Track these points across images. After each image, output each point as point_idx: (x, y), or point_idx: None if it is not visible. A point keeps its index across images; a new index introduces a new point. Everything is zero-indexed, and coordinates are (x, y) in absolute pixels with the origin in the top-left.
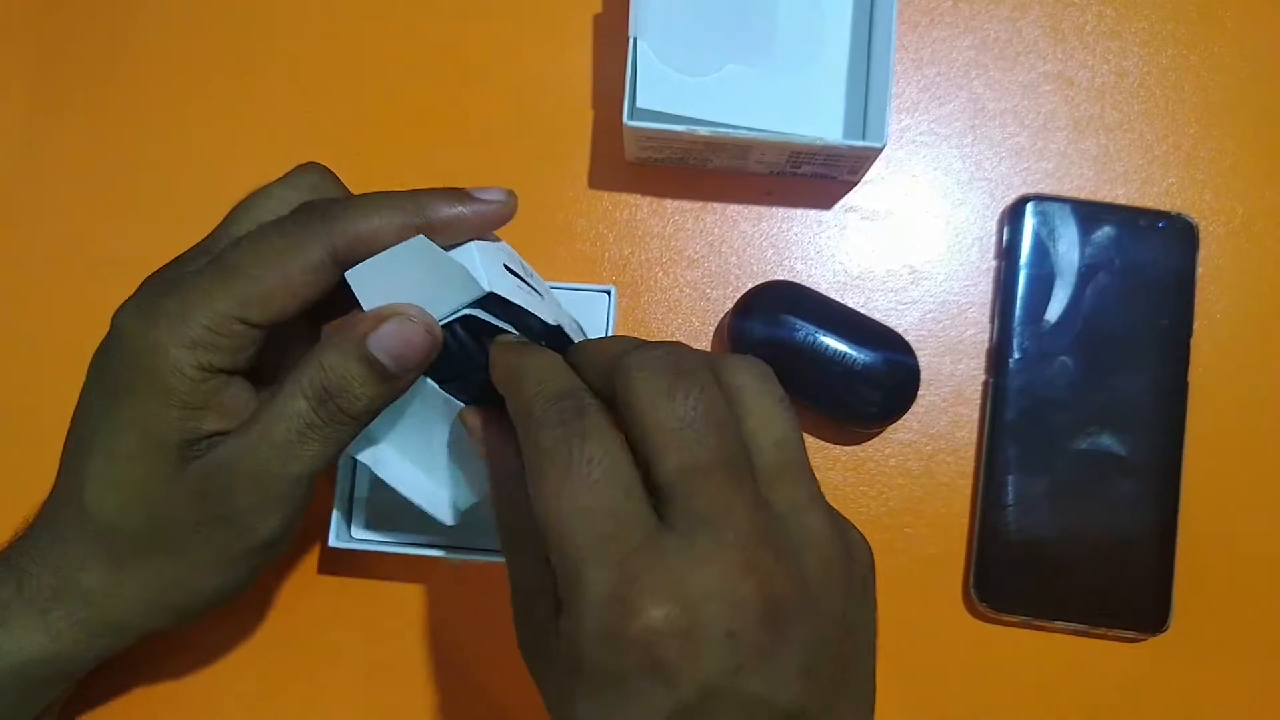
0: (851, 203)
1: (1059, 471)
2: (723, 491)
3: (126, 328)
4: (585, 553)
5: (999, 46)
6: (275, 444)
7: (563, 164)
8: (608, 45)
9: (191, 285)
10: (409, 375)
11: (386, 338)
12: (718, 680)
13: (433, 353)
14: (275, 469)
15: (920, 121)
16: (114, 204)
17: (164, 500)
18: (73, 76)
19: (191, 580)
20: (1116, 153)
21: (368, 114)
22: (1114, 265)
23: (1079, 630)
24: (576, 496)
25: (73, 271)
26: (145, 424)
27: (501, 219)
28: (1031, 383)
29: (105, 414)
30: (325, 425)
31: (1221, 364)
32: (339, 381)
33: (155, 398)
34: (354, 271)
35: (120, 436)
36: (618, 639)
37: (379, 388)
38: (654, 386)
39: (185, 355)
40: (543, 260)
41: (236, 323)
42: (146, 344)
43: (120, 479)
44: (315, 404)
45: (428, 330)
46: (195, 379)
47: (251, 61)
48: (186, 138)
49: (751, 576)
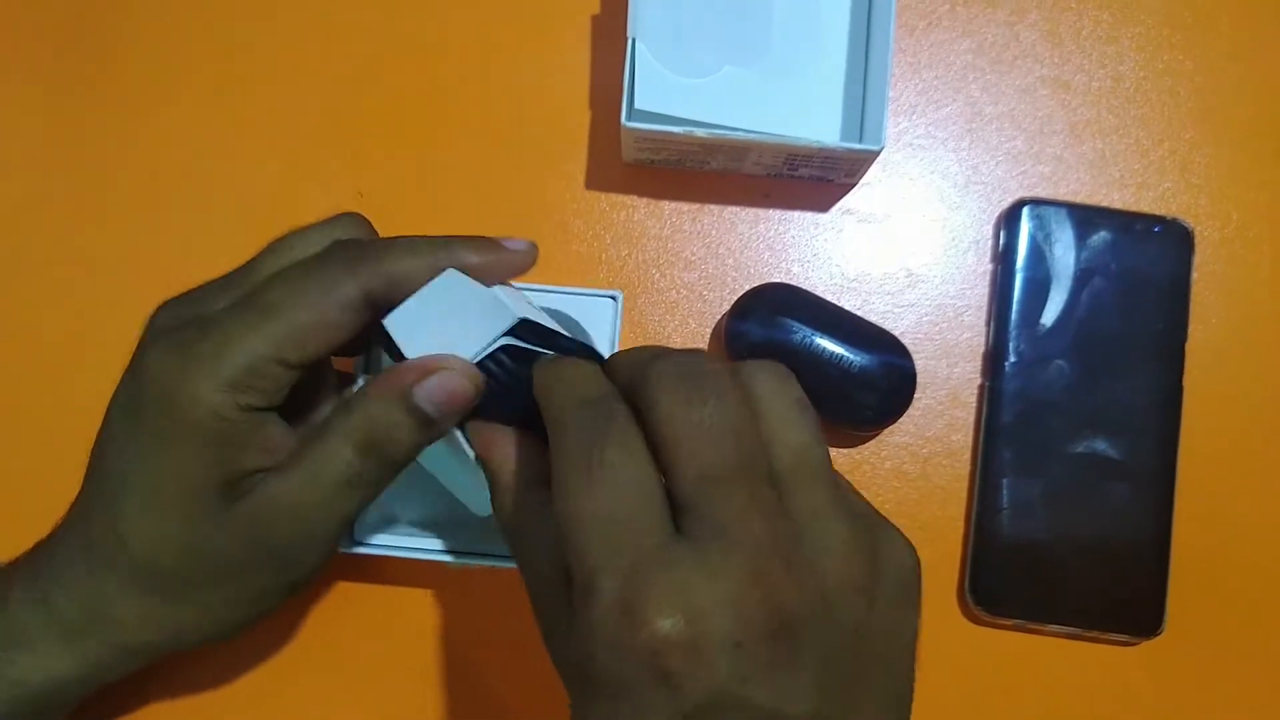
0: (848, 205)
1: (1054, 475)
2: (738, 501)
3: (160, 373)
4: (598, 560)
5: (996, 50)
6: (323, 488)
7: (560, 165)
8: (605, 46)
9: (226, 327)
10: (451, 421)
11: (432, 390)
12: (726, 690)
13: (475, 399)
14: (323, 512)
15: (917, 125)
16: (109, 205)
17: (209, 541)
18: (67, 76)
19: (226, 613)
20: (1113, 157)
21: (364, 115)
22: (1110, 269)
23: (1073, 634)
24: (595, 502)
25: (69, 273)
26: (188, 471)
27: (524, 268)
28: (1027, 386)
29: (143, 457)
30: (371, 473)
31: (1216, 369)
32: (385, 431)
33: (196, 444)
34: (391, 318)
35: (163, 484)
36: (625, 647)
37: (423, 435)
38: (673, 395)
39: (224, 399)
40: (539, 262)
41: (274, 364)
42: (184, 392)
43: (165, 525)
44: (362, 453)
45: (470, 379)
46: (236, 420)
47: (247, 63)
48: (180, 139)
49: (760, 587)
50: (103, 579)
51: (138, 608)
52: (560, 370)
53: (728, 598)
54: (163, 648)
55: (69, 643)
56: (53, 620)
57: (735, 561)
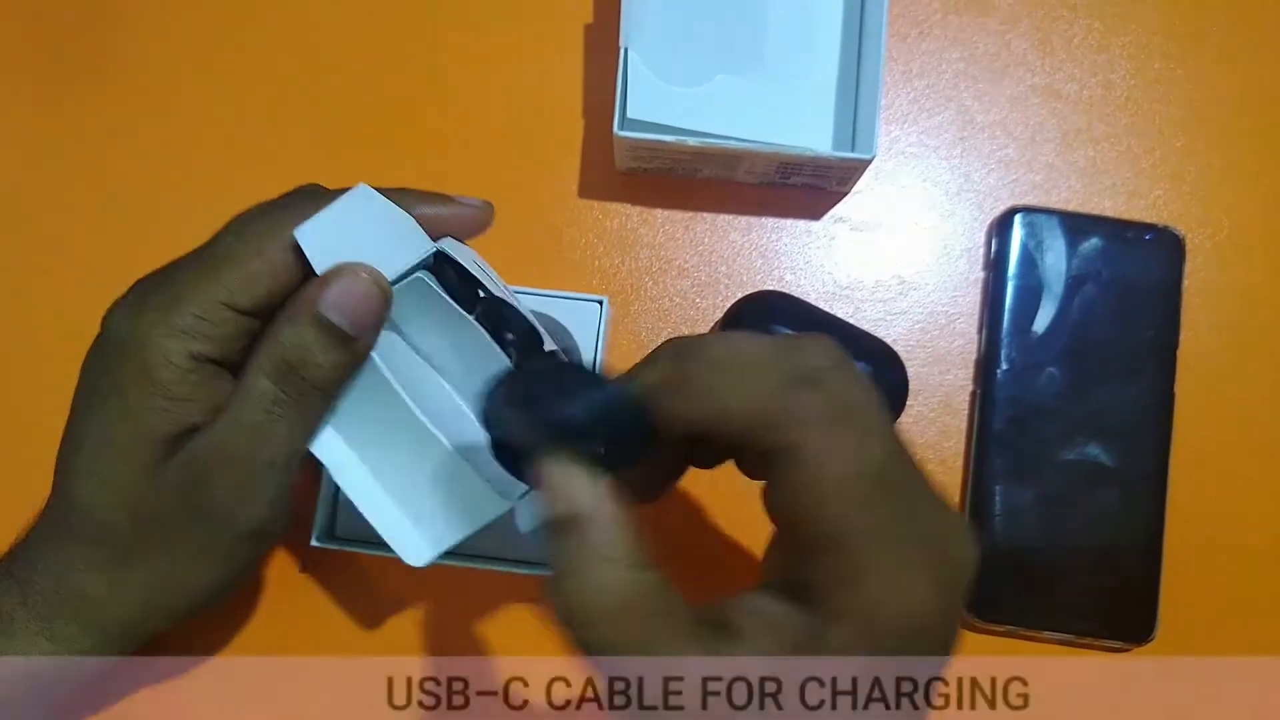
0: (841, 213)
1: (1046, 482)
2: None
3: (115, 325)
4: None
5: (988, 59)
6: (245, 426)
7: (553, 173)
8: (598, 55)
9: (178, 277)
10: (368, 335)
11: (337, 298)
12: None
13: (385, 309)
14: (248, 453)
15: (909, 133)
16: (105, 207)
17: (150, 495)
18: (65, 78)
19: (184, 577)
20: (1104, 165)
21: (358, 122)
22: (1101, 277)
23: (1065, 640)
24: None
25: (66, 274)
26: (133, 417)
27: (478, 225)
28: (1019, 393)
29: (96, 411)
30: (291, 401)
31: (1208, 376)
32: (298, 353)
33: (143, 390)
34: (302, 229)
35: (110, 431)
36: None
37: (339, 353)
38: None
39: (174, 344)
40: (532, 269)
41: (225, 309)
42: (135, 338)
43: (109, 475)
44: (278, 380)
45: (376, 285)
46: (184, 368)
47: (243, 68)
48: (180, 143)
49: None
50: (69, 552)
51: (101, 577)
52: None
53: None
54: (137, 632)
55: (46, 623)
56: (29, 601)
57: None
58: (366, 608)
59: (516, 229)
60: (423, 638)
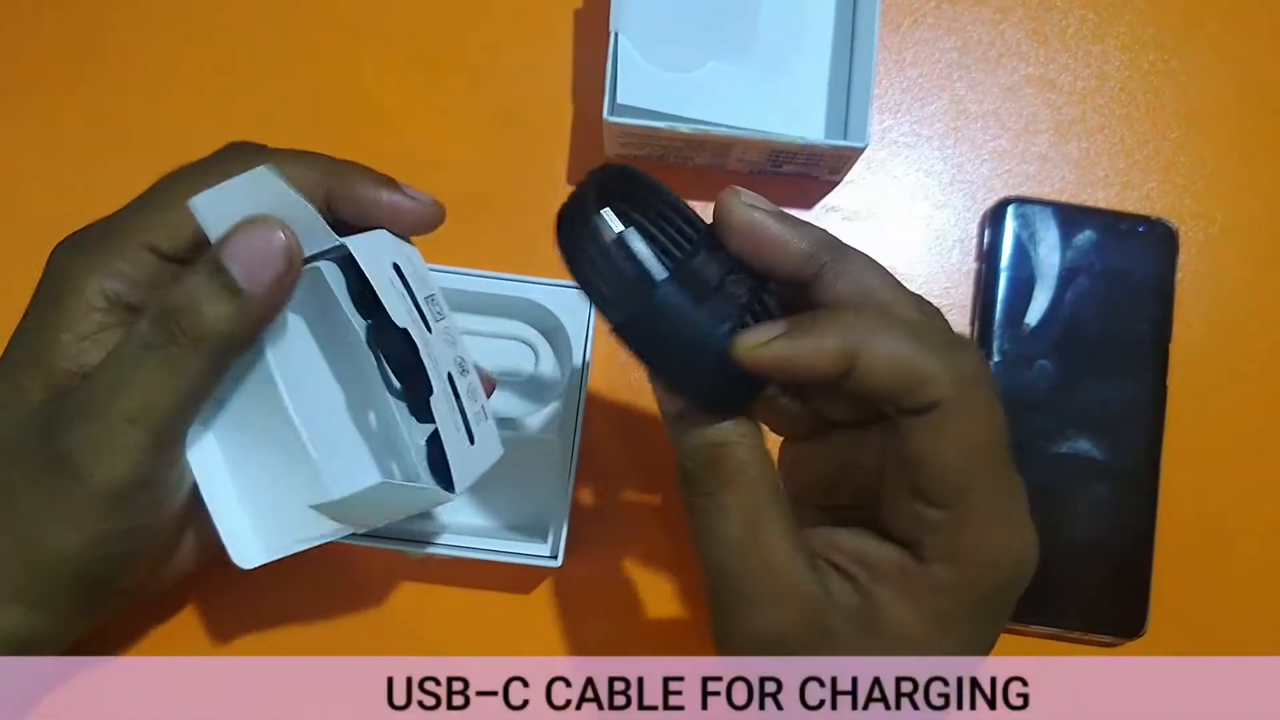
0: (832, 203)
1: (1037, 475)
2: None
3: (49, 261)
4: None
5: (981, 49)
6: (110, 371)
7: (541, 159)
8: (588, 40)
9: (111, 220)
10: (263, 298)
11: (240, 246)
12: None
13: (290, 279)
14: (106, 401)
15: (902, 122)
16: (98, 202)
17: (19, 433)
18: (41, 67)
19: (53, 535)
20: (1098, 156)
21: (345, 107)
22: (1094, 269)
23: (1056, 635)
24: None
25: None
26: (32, 342)
27: (423, 222)
28: (1011, 386)
29: (12, 341)
30: (162, 347)
31: (1200, 369)
32: (185, 298)
33: (50, 321)
34: (197, 198)
35: (10, 358)
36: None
37: (228, 307)
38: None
39: (90, 281)
40: (519, 255)
41: (145, 251)
42: (57, 270)
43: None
44: (154, 324)
45: (287, 247)
46: (94, 304)
47: (226, 54)
48: (162, 127)
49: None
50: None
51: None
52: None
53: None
54: (30, 589)
55: None
56: None
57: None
58: (367, 607)
59: (504, 215)
60: (422, 638)
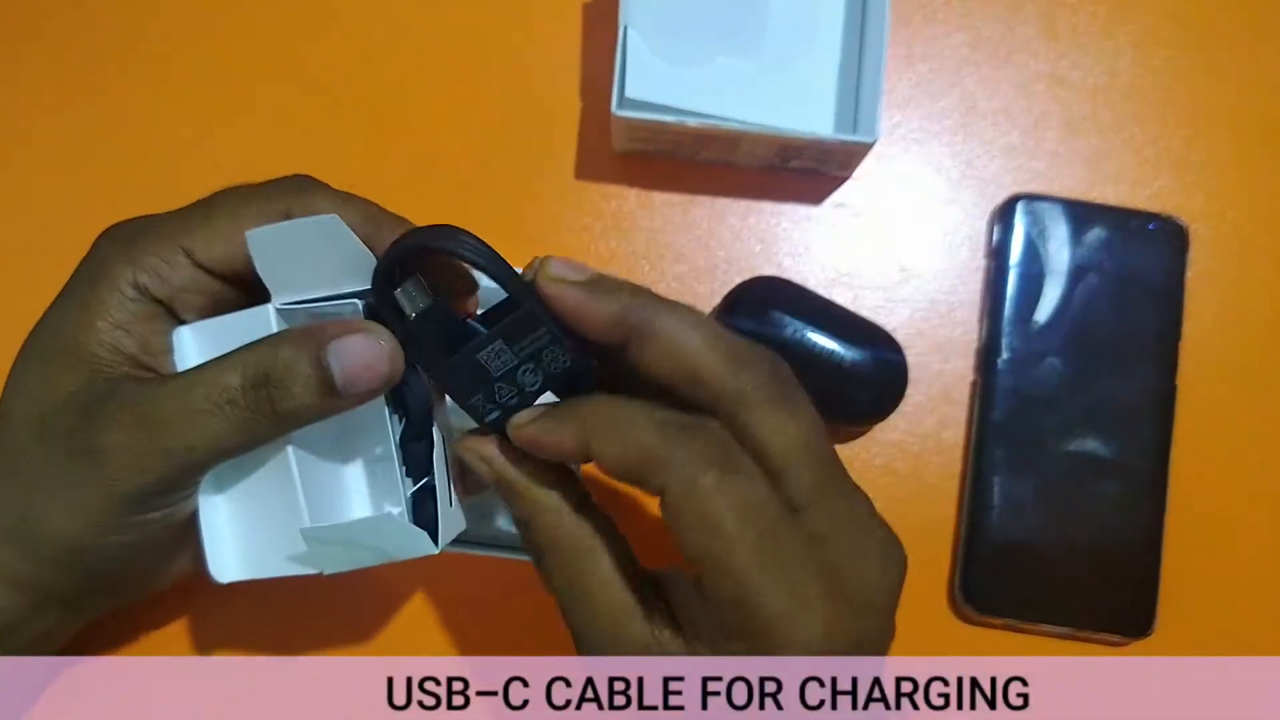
0: (841, 199)
1: (1046, 473)
2: (846, 501)
3: (92, 248)
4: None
5: (992, 44)
6: (187, 401)
7: (549, 154)
8: (597, 34)
9: (158, 218)
10: (353, 399)
11: (348, 351)
12: None
13: (387, 385)
14: (173, 424)
15: (912, 118)
16: (88, 192)
17: (53, 415)
18: (41, 59)
19: (45, 518)
20: (1108, 153)
21: (350, 101)
22: (1104, 267)
23: (1064, 634)
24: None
25: (48, 260)
26: (66, 327)
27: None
28: (1020, 383)
29: (44, 317)
30: (246, 410)
31: (1210, 368)
32: (282, 374)
33: (83, 304)
34: (257, 232)
35: (43, 339)
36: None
37: (317, 399)
38: (779, 414)
39: (125, 271)
40: (526, 251)
41: (181, 254)
42: (96, 258)
43: (30, 383)
44: (248, 385)
45: (391, 360)
46: (126, 295)
47: (232, 47)
48: (168, 124)
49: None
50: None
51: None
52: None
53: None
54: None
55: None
56: None
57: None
58: (366, 607)
59: (511, 211)
60: (423, 637)
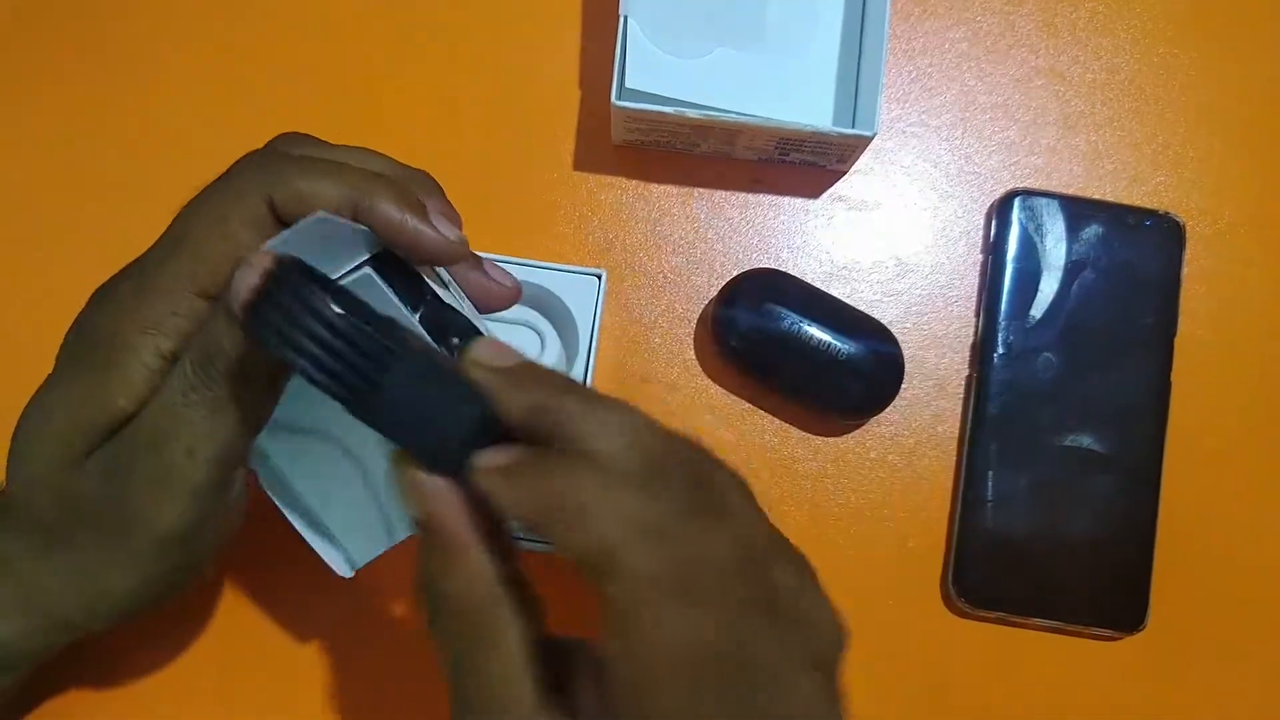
0: (839, 192)
1: (1040, 468)
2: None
3: (86, 315)
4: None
5: (991, 39)
6: (164, 409)
7: (547, 144)
8: (596, 25)
9: (145, 265)
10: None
11: (234, 284)
12: None
13: (261, 285)
14: (164, 438)
15: (910, 112)
16: (87, 189)
17: (75, 483)
18: (40, 55)
19: (100, 577)
20: (1106, 150)
21: (349, 92)
22: (1100, 263)
23: (1056, 627)
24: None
25: (42, 259)
26: (81, 408)
27: (441, 255)
28: (1015, 378)
29: (49, 395)
30: (204, 387)
31: (1205, 364)
32: (211, 339)
33: (101, 384)
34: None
35: (54, 419)
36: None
37: (240, 338)
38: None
39: (144, 340)
40: (524, 241)
41: (195, 299)
42: (104, 330)
43: (42, 462)
44: (195, 365)
45: (256, 265)
46: (151, 367)
47: (230, 40)
48: (161, 116)
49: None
50: (5, 536)
51: (34, 564)
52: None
53: None
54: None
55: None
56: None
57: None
58: (364, 597)
59: (509, 201)
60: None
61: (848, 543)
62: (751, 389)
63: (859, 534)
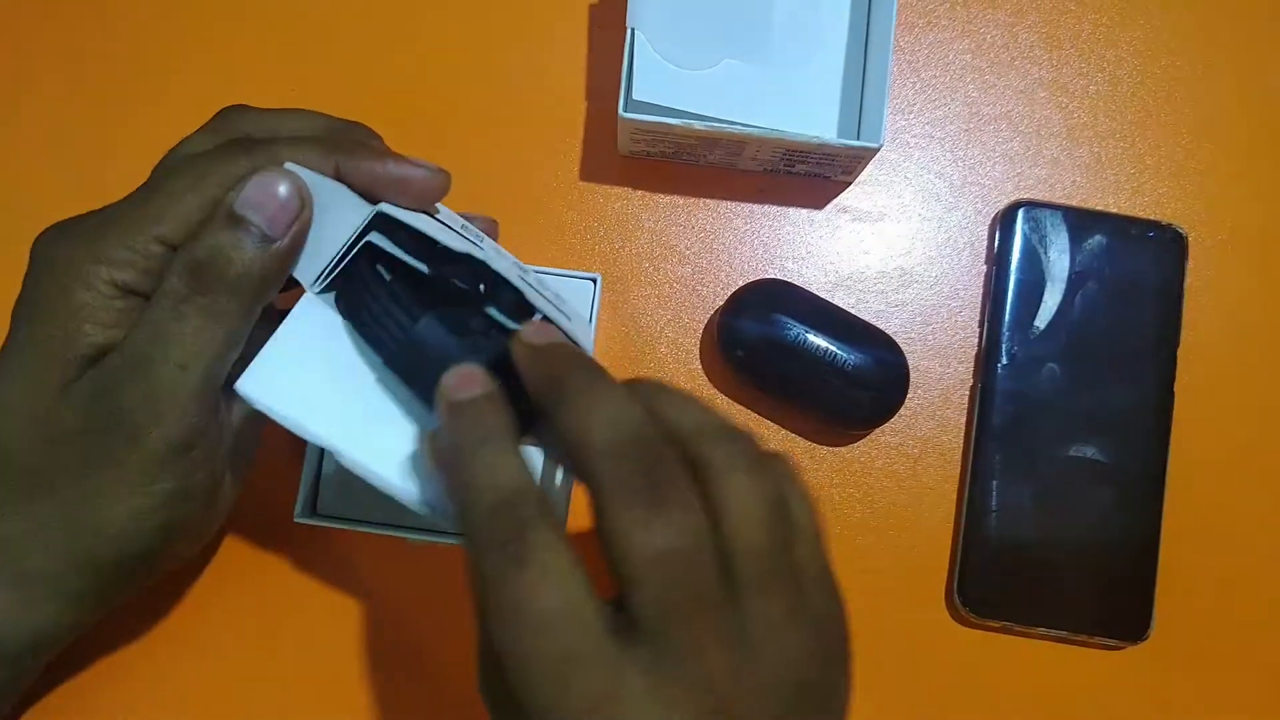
0: (844, 203)
1: (1044, 478)
2: (696, 629)
3: (42, 250)
4: (549, 701)
5: (995, 51)
6: (152, 326)
7: (554, 155)
8: (603, 37)
9: (111, 209)
10: (288, 237)
11: (249, 194)
12: None
13: (303, 209)
14: (154, 354)
15: (915, 124)
16: (87, 189)
17: (57, 412)
18: (41, 56)
19: (98, 510)
20: (1109, 161)
21: (355, 101)
22: (1103, 274)
23: (1060, 637)
24: (524, 639)
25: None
26: (49, 340)
27: (426, 192)
28: (1019, 389)
29: (14, 338)
30: (199, 295)
31: (1208, 375)
32: (209, 252)
33: (63, 314)
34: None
35: (24, 355)
36: None
37: (255, 249)
38: (628, 515)
39: (99, 270)
40: (531, 251)
41: (154, 242)
42: (58, 262)
43: (18, 400)
44: (187, 277)
45: (292, 183)
46: (106, 294)
47: (236, 45)
48: (173, 124)
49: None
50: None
51: (16, 517)
52: (473, 458)
53: None
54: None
55: None
56: None
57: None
58: (362, 594)
59: (516, 211)
60: (419, 626)
61: (853, 552)
62: (757, 399)
63: (863, 545)
